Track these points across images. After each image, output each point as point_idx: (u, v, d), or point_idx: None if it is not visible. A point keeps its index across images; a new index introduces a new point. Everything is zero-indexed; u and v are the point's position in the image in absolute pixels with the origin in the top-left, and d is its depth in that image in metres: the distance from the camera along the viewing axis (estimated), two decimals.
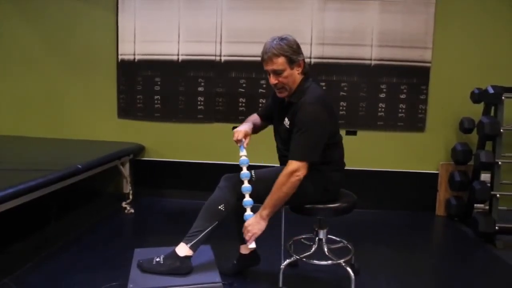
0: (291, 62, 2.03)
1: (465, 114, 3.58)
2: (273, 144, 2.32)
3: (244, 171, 2.10)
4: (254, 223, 2.05)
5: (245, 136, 2.20)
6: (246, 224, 2.07)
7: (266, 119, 2.40)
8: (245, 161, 2.12)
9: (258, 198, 2.11)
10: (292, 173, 1.98)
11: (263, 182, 2.09)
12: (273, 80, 2.06)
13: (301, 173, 1.99)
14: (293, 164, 1.98)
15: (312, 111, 2.00)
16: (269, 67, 2.05)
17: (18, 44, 4.03)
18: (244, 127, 2.24)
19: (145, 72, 3.90)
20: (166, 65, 3.86)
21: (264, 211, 2.04)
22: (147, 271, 2.05)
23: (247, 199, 2.09)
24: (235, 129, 2.22)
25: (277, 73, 2.03)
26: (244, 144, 2.18)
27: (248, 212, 2.09)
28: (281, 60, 2.01)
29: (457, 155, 3.52)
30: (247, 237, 2.07)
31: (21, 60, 4.05)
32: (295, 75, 2.07)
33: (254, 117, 2.40)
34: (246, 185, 2.08)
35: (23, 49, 4.03)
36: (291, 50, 2.02)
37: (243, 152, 2.15)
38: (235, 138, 2.18)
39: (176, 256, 2.04)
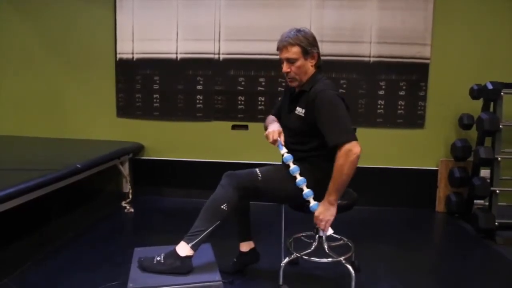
0: (305, 53, 2.08)
1: (464, 110, 3.58)
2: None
3: (292, 166, 2.08)
4: (324, 210, 2.02)
5: (279, 134, 2.19)
6: (316, 214, 2.04)
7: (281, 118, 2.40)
8: (290, 157, 2.10)
9: (268, 198, 2.12)
10: (348, 152, 1.93)
11: (271, 181, 2.09)
12: (285, 68, 2.10)
13: (357, 150, 1.94)
14: (344, 147, 1.94)
15: (331, 94, 2.02)
16: (283, 55, 2.09)
17: (16, 43, 4.01)
18: (275, 127, 2.23)
19: (144, 70, 3.90)
20: (165, 63, 3.85)
21: (331, 196, 2.01)
22: (147, 270, 2.05)
23: (306, 190, 2.06)
24: (267, 132, 2.20)
25: (291, 61, 2.08)
26: (281, 142, 2.17)
27: (313, 202, 2.07)
28: (295, 49, 2.06)
29: (457, 151, 3.52)
30: (321, 226, 2.03)
31: (19, 59, 4.04)
32: (308, 66, 2.11)
33: (273, 118, 2.39)
34: (299, 178, 2.06)
35: (21, 48, 4.02)
36: (306, 41, 2.07)
37: (284, 150, 2.13)
38: (271, 140, 2.17)
39: (177, 255, 2.03)
